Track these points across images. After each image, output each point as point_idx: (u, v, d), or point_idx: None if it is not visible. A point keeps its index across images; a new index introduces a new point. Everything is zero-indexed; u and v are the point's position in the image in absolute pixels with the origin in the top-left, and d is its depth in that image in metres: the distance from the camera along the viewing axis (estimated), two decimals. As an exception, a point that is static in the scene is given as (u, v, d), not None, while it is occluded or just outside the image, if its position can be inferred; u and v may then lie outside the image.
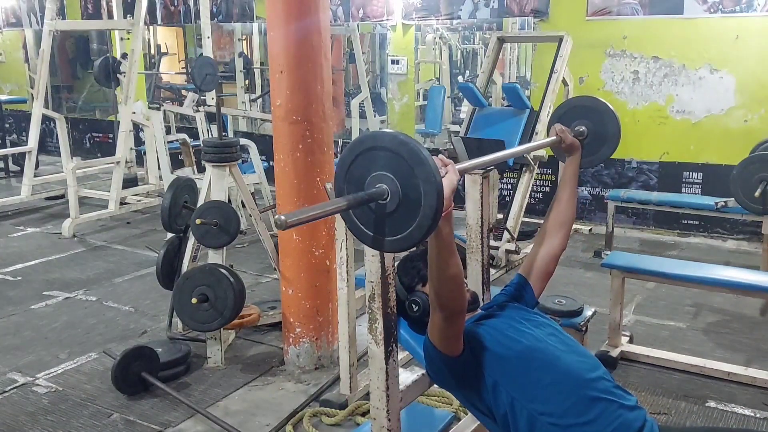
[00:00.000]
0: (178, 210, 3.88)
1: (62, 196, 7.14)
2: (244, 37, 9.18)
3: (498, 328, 1.99)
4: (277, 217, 1.42)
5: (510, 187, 6.13)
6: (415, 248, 1.64)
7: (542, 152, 5.28)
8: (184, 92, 9.03)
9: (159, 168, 6.81)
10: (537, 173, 5.54)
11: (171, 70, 10.12)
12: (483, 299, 2.54)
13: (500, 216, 5.61)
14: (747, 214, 4.72)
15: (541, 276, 2.28)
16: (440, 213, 1.52)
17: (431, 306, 1.87)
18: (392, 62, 7.32)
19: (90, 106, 10.46)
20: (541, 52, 6.45)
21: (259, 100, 9.05)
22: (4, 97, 9.60)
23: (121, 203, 6.71)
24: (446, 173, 1.61)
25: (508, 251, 5.08)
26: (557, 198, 2.33)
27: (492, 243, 3.65)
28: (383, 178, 1.57)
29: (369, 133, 1.64)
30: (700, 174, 5.79)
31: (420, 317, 2.15)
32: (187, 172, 6.30)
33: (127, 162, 6.97)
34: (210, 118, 6.83)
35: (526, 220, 5.57)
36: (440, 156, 1.65)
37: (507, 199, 5.84)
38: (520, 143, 5.34)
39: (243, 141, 5.54)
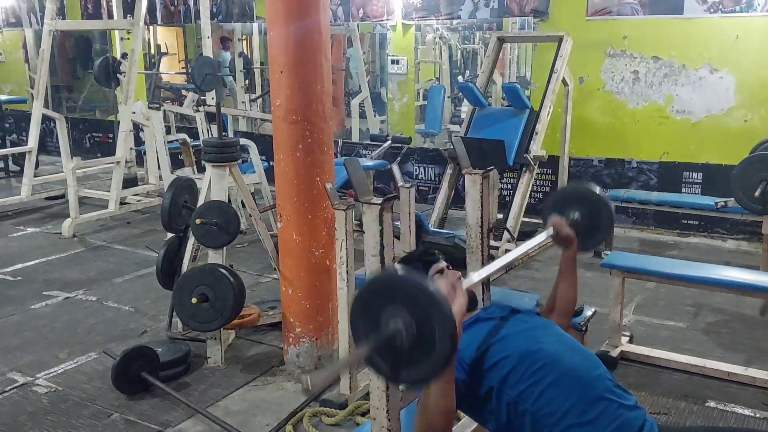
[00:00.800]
0: (178, 210, 3.88)
1: (62, 196, 7.14)
2: (244, 37, 9.19)
3: (498, 330, 1.99)
4: (305, 378, 1.42)
5: (510, 187, 6.13)
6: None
7: (542, 152, 5.29)
8: (184, 92, 9.03)
9: (159, 168, 6.80)
10: (537, 173, 5.54)
11: (171, 70, 10.12)
12: (483, 300, 2.55)
13: (500, 216, 5.61)
14: (747, 214, 4.73)
15: None
16: (454, 356, 1.55)
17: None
18: (392, 62, 7.32)
19: (90, 106, 10.47)
20: (541, 52, 6.45)
21: (259, 100, 9.06)
22: (4, 97, 9.60)
23: (121, 203, 6.71)
24: (455, 299, 1.62)
25: (508, 251, 5.06)
26: (558, 288, 2.33)
27: (492, 243, 3.65)
28: (398, 312, 1.56)
29: (387, 276, 1.62)
30: (700, 174, 5.79)
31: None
32: (187, 172, 6.29)
33: (127, 162, 6.97)
34: (210, 118, 6.83)
35: (526, 220, 5.57)
36: (447, 272, 1.65)
37: (507, 199, 5.84)
38: (520, 143, 5.34)
39: (243, 141, 5.54)
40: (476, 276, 1.80)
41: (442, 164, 6.44)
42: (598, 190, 2.46)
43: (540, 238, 2.19)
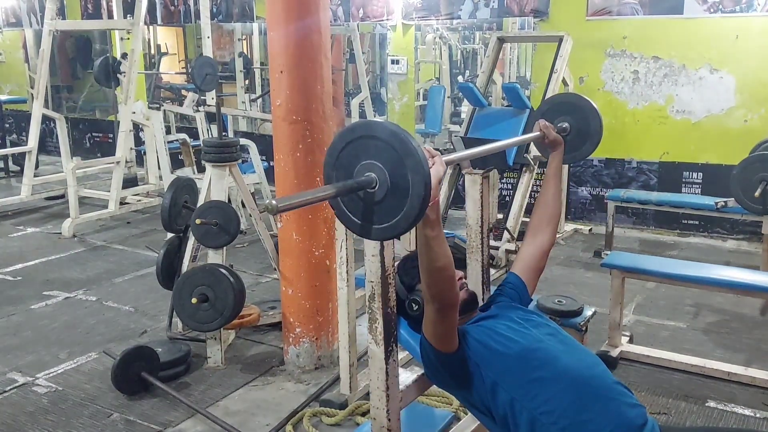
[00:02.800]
0: (178, 210, 3.88)
1: (62, 196, 7.14)
2: (244, 37, 9.18)
3: (496, 329, 1.99)
4: (267, 202, 1.44)
5: (510, 187, 6.13)
6: (400, 235, 1.65)
7: (542, 152, 5.28)
8: (184, 92, 9.03)
9: (159, 168, 6.81)
10: (537, 173, 5.53)
11: (171, 70, 10.12)
12: (483, 299, 2.54)
13: (500, 216, 5.61)
14: (747, 214, 4.72)
15: (534, 273, 2.31)
16: (427, 202, 1.54)
17: (425, 300, 1.88)
18: (392, 62, 7.32)
19: (90, 106, 10.46)
20: (541, 52, 6.45)
21: (259, 100, 9.06)
22: (4, 97, 9.60)
23: (121, 203, 6.71)
24: (433, 164, 1.62)
25: (508, 251, 5.07)
26: (542, 194, 2.36)
27: (492, 243, 3.65)
28: (372, 166, 1.58)
29: (360, 122, 1.66)
30: (700, 174, 5.79)
31: (420, 317, 2.15)
32: (187, 172, 6.30)
33: (127, 162, 6.97)
34: (210, 118, 6.83)
35: (526, 220, 5.54)
36: (426, 147, 1.66)
37: (507, 199, 5.84)
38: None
39: (243, 141, 5.54)
40: (457, 155, 1.85)
41: (442, 164, 6.44)
42: (585, 98, 2.50)
43: (526, 136, 2.24)
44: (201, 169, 5.48)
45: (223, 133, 4.16)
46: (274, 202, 1.44)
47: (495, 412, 1.91)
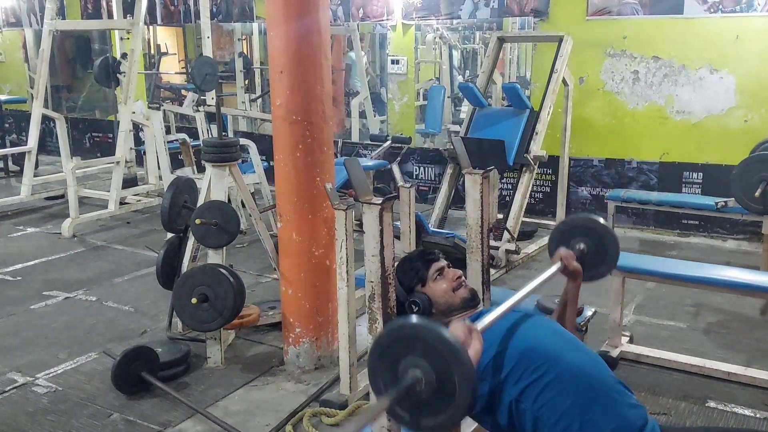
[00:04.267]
0: (178, 210, 3.88)
1: (62, 196, 7.14)
2: (244, 37, 9.18)
3: (499, 330, 1.99)
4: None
5: (510, 187, 6.14)
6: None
7: (542, 152, 5.28)
8: (184, 92, 9.03)
9: (159, 168, 6.80)
10: (537, 173, 5.54)
11: (171, 70, 10.12)
12: (483, 299, 2.55)
13: (500, 216, 5.61)
14: (747, 214, 4.72)
15: None
16: (474, 400, 1.54)
17: None
18: (392, 62, 7.33)
19: (90, 106, 10.46)
20: (541, 52, 6.45)
21: (259, 100, 9.06)
22: (4, 97, 9.60)
23: (121, 203, 6.71)
24: (471, 346, 1.61)
25: (508, 251, 5.08)
26: (558, 313, 2.38)
27: (492, 243, 3.65)
28: (417, 362, 1.54)
29: (410, 324, 1.60)
30: (700, 174, 5.79)
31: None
32: (187, 172, 6.30)
33: (127, 162, 6.97)
34: (210, 118, 6.83)
35: (526, 220, 5.57)
36: (467, 323, 1.65)
37: (507, 199, 5.84)
38: (520, 143, 5.34)
39: (243, 141, 5.54)
40: (489, 318, 1.82)
41: (442, 164, 6.45)
42: (602, 220, 2.47)
43: (549, 272, 2.21)
44: (201, 169, 5.47)
45: (223, 133, 4.16)
46: None
47: (498, 412, 1.90)
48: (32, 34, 9.92)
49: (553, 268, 2.26)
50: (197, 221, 3.54)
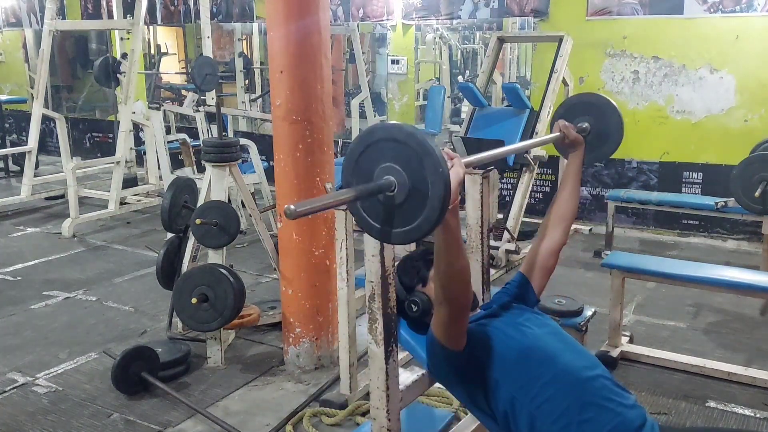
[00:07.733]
0: (178, 210, 3.88)
1: (62, 196, 7.14)
2: (244, 37, 9.18)
3: (499, 327, 1.99)
4: (286, 207, 1.41)
5: (510, 187, 6.13)
6: (420, 243, 1.64)
7: (542, 152, 5.28)
8: (184, 92, 9.02)
9: (159, 168, 6.81)
10: (537, 173, 5.53)
11: (171, 70, 10.12)
12: (483, 299, 2.54)
13: (500, 216, 5.61)
14: (747, 214, 4.72)
15: (542, 272, 2.26)
16: (448, 204, 1.52)
17: (436, 301, 1.87)
18: (392, 62, 7.33)
19: (90, 106, 10.46)
20: (541, 52, 6.45)
21: (259, 100, 9.05)
22: (4, 97, 9.60)
23: (121, 203, 6.71)
24: (452, 166, 1.60)
25: (508, 251, 5.08)
26: (559, 193, 2.33)
27: (492, 243, 3.64)
28: (391, 170, 1.56)
29: (378, 125, 1.63)
30: (700, 174, 5.79)
31: (420, 317, 2.16)
32: (187, 172, 6.30)
33: (127, 162, 6.97)
34: (210, 118, 6.83)
35: (526, 220, 5.56)
36: (446, 149, 1.65)
37: (507, 199, 5.84)
38: (520, 143, 5.34)
39: (243, 141, 5.54)
40: (474, 157, 1.82)
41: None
42: (608, 99, 2.48)
43: (547, 137, 2.20)
44: (201, 169, 5.48)
45: (223, 133, 4.16)
46: (292, 206, 1.41)
47: (496, 410, 1.91)
48: (32, 34, 9.92)
49: (552, 135, 2.26)
50: (197, 221, 3.54)
